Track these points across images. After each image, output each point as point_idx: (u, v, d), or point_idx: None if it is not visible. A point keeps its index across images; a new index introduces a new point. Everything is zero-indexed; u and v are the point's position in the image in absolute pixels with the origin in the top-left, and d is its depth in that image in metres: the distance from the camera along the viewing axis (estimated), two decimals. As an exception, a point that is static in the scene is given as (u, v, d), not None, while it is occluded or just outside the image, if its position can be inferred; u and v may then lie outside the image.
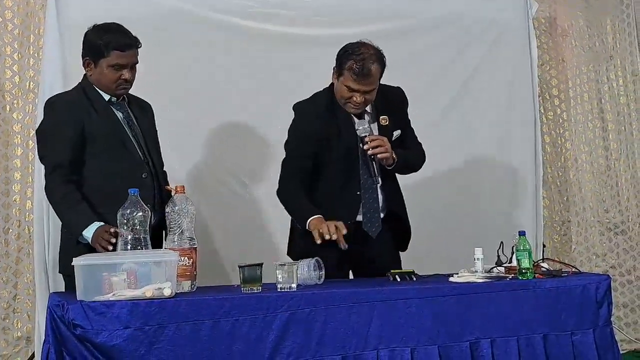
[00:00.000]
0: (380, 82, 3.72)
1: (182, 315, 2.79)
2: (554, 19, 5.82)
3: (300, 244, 3.72)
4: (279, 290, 3.06)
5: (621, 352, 3.73)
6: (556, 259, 4.58)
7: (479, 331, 3.15)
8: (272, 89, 4.75)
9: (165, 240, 3.26)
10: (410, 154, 3.83)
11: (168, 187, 3.27)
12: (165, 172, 3.68)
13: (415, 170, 3.97)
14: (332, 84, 3.75)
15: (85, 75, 3.55)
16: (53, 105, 3.50)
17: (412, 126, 3.93)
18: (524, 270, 3.33)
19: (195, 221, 3.22)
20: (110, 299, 2.75)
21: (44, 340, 2.82)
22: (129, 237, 3.03)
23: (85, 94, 3.48)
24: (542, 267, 3.47)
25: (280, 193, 3.77)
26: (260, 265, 3.07)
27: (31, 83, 4.73)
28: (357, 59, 3.57)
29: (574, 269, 3.53)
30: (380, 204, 3.74)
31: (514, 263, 3.41)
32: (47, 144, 3.44)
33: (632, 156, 5.80)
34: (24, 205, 4.68)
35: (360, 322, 3.01)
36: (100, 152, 3.41)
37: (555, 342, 3.23)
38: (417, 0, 5.16)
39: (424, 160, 3.95)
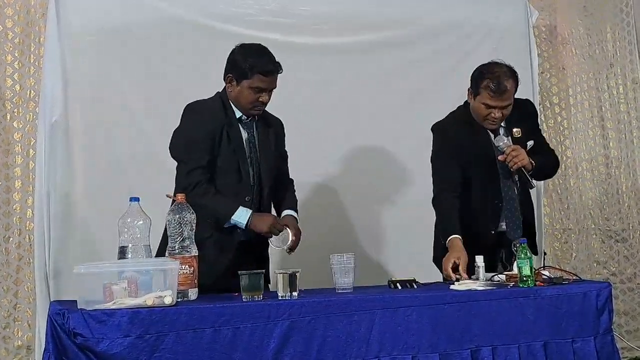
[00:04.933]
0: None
1: (183, 323, 2.79)
2: (554, 27, 5.84)
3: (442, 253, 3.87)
4: (279, 298, 3.06)
5: (622, 359, 3.72)
6: (557, 266, 4.58)
7: (480, 339, 3.14)
8: (274, 97, 4.75)
9: None
10: (546, 160, 3.96)
11: (168, 194, 3.27)
12: (288, 184, 3.87)
13: (551, 176, 4.33)
14: (466, 102, 3.96)
15: (225, 88, 3.65)
16: (196, 110, 3.63)
17: (542, 135, 4.15)
18: (524, 278, 3.32)
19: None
20: (111, 307, 2.74)
21: (45, 349, 2.82)
22: (130, 245, 3.03)
23: (224, 108, 3.61)
24: (543, 274, 3.46)
25: (437, 207, 3.90)
26: (262, 273, 3.07)
27: (32, 91, 4.74)
28: (492, 77, 3.76)
29: (574, 277, 3.52)
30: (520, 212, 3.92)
31: (515, 271, 3.41)
32: (189, 145, 3.57)
33: (632, 164, 5.81)
34: (24, 213, 4.68)
35: (361, 330, 3.00)
36: (219, 167, 3.56)
37: (556, 350, 3.22)
38: (417, 9, 5.17)
39: (558, 165, 4.14)
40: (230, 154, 3.57)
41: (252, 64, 3.54)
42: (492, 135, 3.87)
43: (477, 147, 3.86)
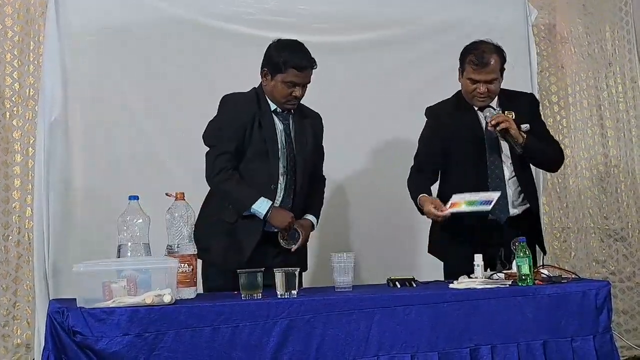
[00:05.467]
0: (513, 90, 4.06)
1: (181, 322, 2.79)
2: (553, 25, 5.84)
3: (437, 241, 4.01)
4: (279, 296, 3.06)
5: (621, 358, 3.73)
6: (556, 265, 4.58)
7: (479, 337, 3.14)
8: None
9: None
10: (545, 145, 3.98)
11: (168, 193, 3.27)
12: (319, 183, 3.95)
13: (553, 166, 4.23)
14: (459, 91, 4.01)
15: (261, 83, 3.75)
16: (229, 101, 3.71)
17: (547, 129, 4.16)
18: (523, 277, 3.32)
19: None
20: (110, 305, 2.75)
21: (44, 347, 2.82)
22: (129, 243, 3.03)
23: (258, 100, 3.69)
24: (542, 273, 3.46)
25: (408, 184, 3.99)
26: (260, 271, 3.07)
27: (31, 90, 4.74)
28: (476, 52, 3.86)
29: (573, 276, 3.52)
30: (515, 194, 3.93)
31: (514, 269, 3.41)
32: (218, 132, 3.67)
33: (631, 162, 5.81)
34: (23, 212, 4.69)
35: (360, 329, 3.01)
36: (249, 156, 3.64)
37: (555, 349, 3.23)
38: (417, 8, 5.17)
39: (562, 158, 4.14)
40: (260, 142, 3.64)
41: (286, 59, 3.61)
42: (480, 114, 3.92)
43: (465, 126, 3.90)
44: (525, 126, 3.87)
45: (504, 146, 3.89)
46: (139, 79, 4.63)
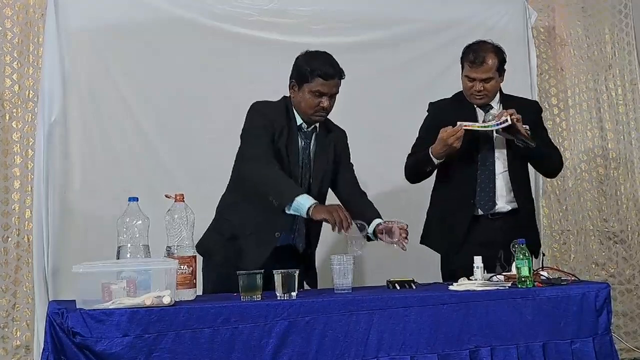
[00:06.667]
0: (518, 96, 4.16)
1: (181, 323, 2.78)
2: (552, 28, 5.85)
3: (435, 231, 4.11)
4: (278, 298, 3.06)
5: (621, 360, 3.73)
6: (555, 267, 4.58)
7: (478, 339, 3.14)
8: (271, 97, 4.75)
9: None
10: (546, 149, 4.04)
11: (167, 194, 3.27)
12: (363, 194, 3.86)
13: (551, 171, 4.28)
14: (461, 91, 4.09)
15: (290, 96, 3.67)
16: (260, 109, 3.63)
17: (549, 136, 4.22)
18: (523, 279, 3.32)
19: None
20: (110, 307, 2.74)
21: (43, 348, 2.80)
22: (129, 245, 3.03)
23: (287, 111, 3.62)
24: (542, 275, 3.46)
25: (406, 165, 4.10)
26: (260, 273, 3.07)
27: (30, 92, 4.75)
28: (474, 50, 3.94)
29: (573, 278, 3.52)
30: (505, 189, 3.96)
31: (514, 271, 3.41)
32: (250, 139, 3.57)
33: (630, 165, 5.81)
34: (23, 213, 4.69)
35: (359, 330, 3.00)
36: None
37: (554, 351, 3.22)
38: (416, 9, 5.18)
39: (562, 164, 4.19)
40: (283, 157, 3.55)
41: (313, 68, 3.55)
42: (479, 111, 3.99)
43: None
44: (524, 127, 3.88)
45: (499, 142, 3.93)
46: (138, 80, 4.64)
